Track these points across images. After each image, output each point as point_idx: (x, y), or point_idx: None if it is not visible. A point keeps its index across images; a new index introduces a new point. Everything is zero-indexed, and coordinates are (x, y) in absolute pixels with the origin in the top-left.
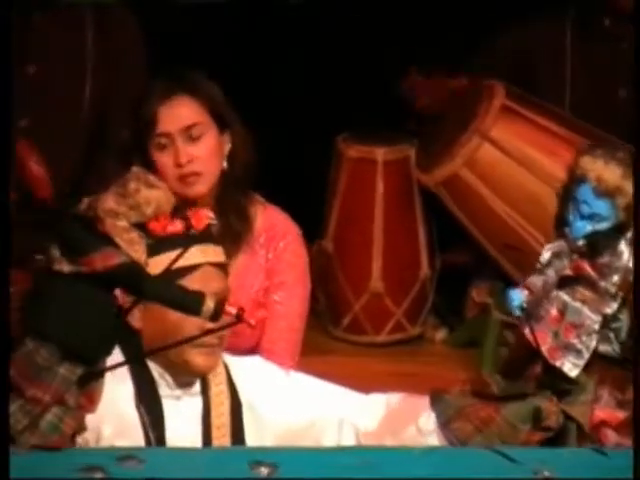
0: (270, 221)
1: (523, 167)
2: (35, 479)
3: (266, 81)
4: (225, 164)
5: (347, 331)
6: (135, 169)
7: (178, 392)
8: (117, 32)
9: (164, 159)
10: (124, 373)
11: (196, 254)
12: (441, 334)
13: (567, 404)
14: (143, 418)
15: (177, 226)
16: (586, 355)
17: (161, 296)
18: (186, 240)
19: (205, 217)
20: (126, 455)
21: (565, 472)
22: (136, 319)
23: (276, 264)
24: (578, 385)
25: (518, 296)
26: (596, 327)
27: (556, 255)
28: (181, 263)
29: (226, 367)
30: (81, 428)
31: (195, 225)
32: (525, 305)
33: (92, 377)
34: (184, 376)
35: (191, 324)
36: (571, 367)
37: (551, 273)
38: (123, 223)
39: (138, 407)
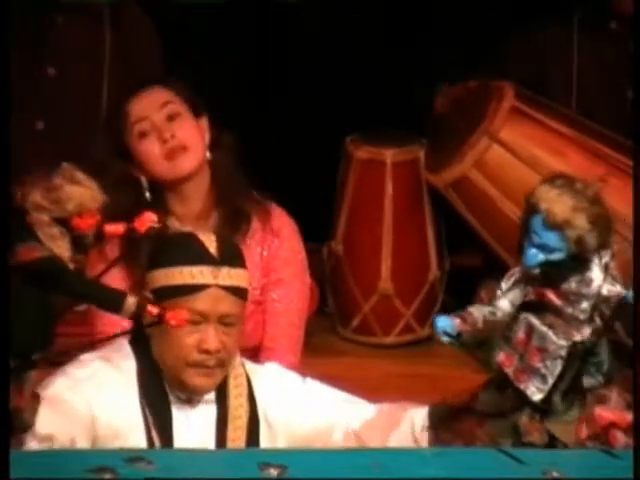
0: (264, 218)
1: (532, 168)
2: None
3: (273, 83)
4: (208, 154)
5: (356, 332)
6: (65, 165)
7: (190, 398)
8: (134, 34)
9: (147, 145)
10: (131, 374)
11: (206, 274)
12: None
13: (550, 422)
14: (147, 420)
15: (119, 228)
16: (550, 380)
17: (81, 292)
18: (202, 259)
19: (148, 220)
20: (135, 456)
21: (574, 473)
22: (147, 322)
23: (272, 261)
24: (552, 406)
25: (444, 323)
26: (562, 353)
27: (517, 282)
28: (188, 281)
29: (248, 379)
30: (23, 425)
31: (137, 227)
32: (453, 332)
33: (23, 368)
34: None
35: (186, 340)
36: (535, 391)
37: (504, 303)
38: (45, 217)
39: (143, 409)
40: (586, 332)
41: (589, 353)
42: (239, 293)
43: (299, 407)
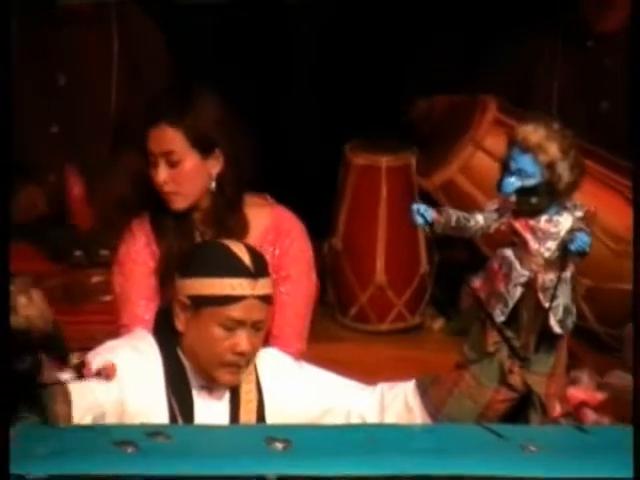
0: (277, 220)
1: None
2: (72, 452)
3: (278, 94)
4: (213, 185)
5: (354, 320)
6: (17, 280)
7: (209, 386)
8: (141, 43)
9: (152, 173)
10: (157, 362)
11: (245, 286)
12: (438, 323)
13: (525, 373)
14: (172, 405)
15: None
16: (510, 304)
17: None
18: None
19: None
20: (155, 431)
21: (549, 447)
22: (181, 322)
23: (282, 259)
24: (535, 357)
25: (423, 207)
26: (522, 280)
27: (495, 209)
28: (229, 292)
29: (255, 366)
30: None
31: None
32: (428, 218)
33: None
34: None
35: (222, 344)
36: (499, 313)
37: (479, 217)
38: None
39: (169, 396)
40: (551, 274)
41: (549, 297)
42: (268, 300)
43: (298, 392)
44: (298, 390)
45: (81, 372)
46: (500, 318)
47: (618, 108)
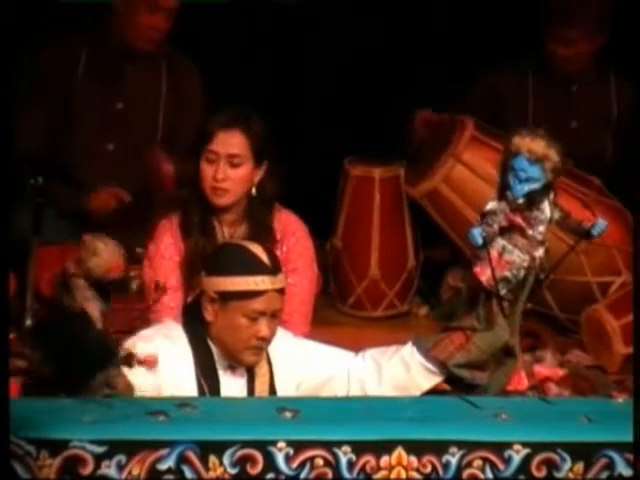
0: (284, 222)
1: (488, 183)
2: (113, 420)
3: (283, 118)
4: (254, 190)
5: (352, 308)
6: (85, 237)
7: (232, 366)
8: (183, 78)
9: (207, 169)
10: (187, 349)
11: (266, 282)
12: (424, 310)
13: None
14: (202, 387)
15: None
16: (514, 282)
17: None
18: (253, 269)
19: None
20: (183, 403)
21: (518, 415)
22: (209, 314)
23: (289, 255)
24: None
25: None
26: (525, 264)
27: (491, 212)
28: (253, 288)
29: None
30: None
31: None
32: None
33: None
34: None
35: (247, 331)
36: (506, 293)
37: (495, 226)
38: (82, 282)
39: (198, 377)
40: (541, 250)
41: (545, 271)
42: (283, 291)
43: (301, 362)
44: (300, 360)
45: (129, 362)
46: (504, 291)
47: (584, 126)
